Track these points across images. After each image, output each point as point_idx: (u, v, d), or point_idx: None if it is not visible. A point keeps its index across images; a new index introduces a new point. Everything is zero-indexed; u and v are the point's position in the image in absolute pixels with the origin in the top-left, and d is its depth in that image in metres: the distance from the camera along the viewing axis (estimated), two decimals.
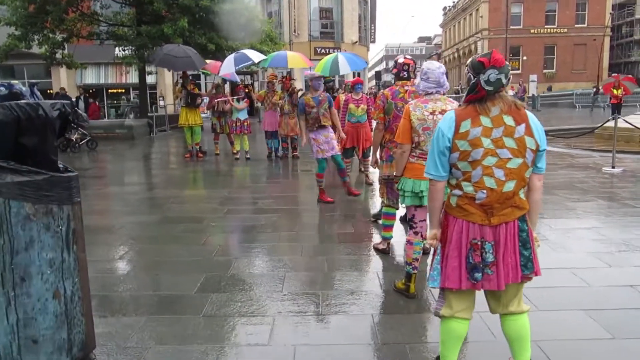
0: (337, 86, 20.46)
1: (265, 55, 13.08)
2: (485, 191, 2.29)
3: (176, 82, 12.75)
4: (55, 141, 2.55)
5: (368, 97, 8.66)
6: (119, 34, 18.77)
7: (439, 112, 3.56)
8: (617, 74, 23.47)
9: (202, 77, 26.85)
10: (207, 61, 13.58)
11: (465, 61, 53.49)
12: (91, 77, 27.74)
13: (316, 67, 11.85)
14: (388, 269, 4.39)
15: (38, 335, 2.50)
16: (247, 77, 29.60)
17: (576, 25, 46.61)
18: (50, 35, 17.93)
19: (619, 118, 9.90)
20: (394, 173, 4.00)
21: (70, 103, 2.79)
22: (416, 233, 3.77)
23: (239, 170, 10.43)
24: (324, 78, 9.18)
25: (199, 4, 17.09)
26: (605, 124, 11.21)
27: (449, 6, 63.00)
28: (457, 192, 2.37)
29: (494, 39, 45.86)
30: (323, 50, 31.48)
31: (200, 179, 9.88)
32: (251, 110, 15.17)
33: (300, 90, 11.78)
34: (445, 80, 3.64)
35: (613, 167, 9.04)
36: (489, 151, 2.27)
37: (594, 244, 4.89)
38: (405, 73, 4.34)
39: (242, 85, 12.11)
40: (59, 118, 2.49)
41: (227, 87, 18.95)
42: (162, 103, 26.03)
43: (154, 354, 2.98)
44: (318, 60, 14.41)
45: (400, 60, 4.37)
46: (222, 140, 12.62)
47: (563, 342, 3.02)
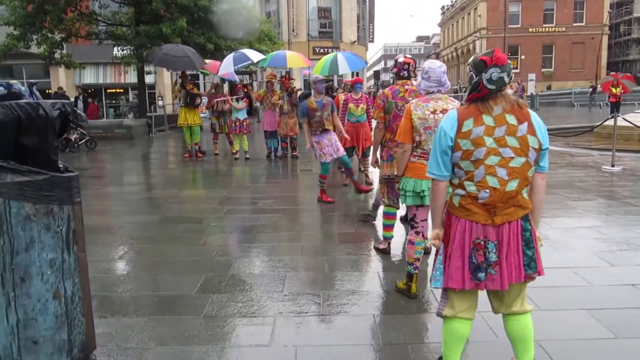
0: (337, 86, 20.44)
1: (264, 54, 13.07)
2: (488, 190, 2.28)
3: (175, 82, 12.73)
4: (55, 141, 2.54)
5: (367, 96, 8.65)
6: (118, 34, 18.75)
7: (440, 111, 3.56)
8: (616, 73, 23.43)
9: (201, 76, 26.82)
10: (206, 61, 13.57)
11: (464, 60, 53.63)
12: (90, 77, 27.70)
13: (315, 67, 11.84)
14: (389, 269, 4.38)
15: (38, 336, 2.49)
16: (246, 77, 29.57)
17: (574, 24, 46.65)
18: (49, 35, 17.92)
19: (618, 116, 9.90)
20: (395, 172, 3.99)
21: (69, 103, 2.77)
22: (417, 233, 3.77)
23: (239, 170, 10.41)
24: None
25: (198, 4, 17.08)
26: (605, 123, 11.22)
27: (448, 5, 63.03)
28: (460, 191, 2.35)
29: (492, 38, 45.86)
30: (322, 50, 31.46)
31: (199, 178, 9.86)
32: (250, 110, 15.14)
33: (299, 89, 11.77)
34: (446, 80, 3.64)
35: (613, 166, 9.05)
36: (492, 150, 2.26)
37: (595, 243, 4.88)
38: (405, 72, 4.33)
39: (241, 85, 12.08)
40: (59, 118, 2.48)
41: (226, 86, 18.95)
42: (161, 103, 26.02)
43: (155, 355, 2.97)
44: (317, 59, 14.36)
45: (401, 59, 4.35)
46: (221, 140, 12.60)
47: (566, 342, 3.01)
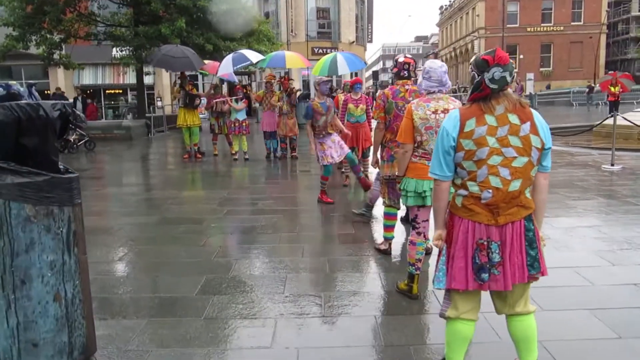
0: (336, 86, 20.42)
1: (263, 55, 13.06)
2: (490, 190, 2.27)
3: (174, 83, 12.71)
4: (55, 142, 2.52)
5: (367, 97, 8.64)
6: (117, 35, 18.73)
7: (441, 111, 3.55)
8: (614, 72, 23.45)
9: (200, 77, 26.79)
10: (205, 61, 13.55)
11: (462, 60, 53.66)
12: (89, 77, 27.65)
13: (315, 67, 11.80)
14: (390, 269, 4.36)
15: (38, 338, 2.47)
16: (245, 78, 29.55)
17: (572, 23, 46.73)
18: (48, 35, 17.89)
19: (617, 115, 9.90)
20: (396, 173, 3.98)
21: (69, 103, 2.76)
22: (419, 233, 3.75)
23: (238, 170, 10.39)
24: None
25: (197, 4, 17.07)
26: (604, 122, 11.22)
27: (446, 5, 63.08)
28: (463, 192, 2.34)
29: (490, 37, 45.90)
30: (320, 50, 31.47)
31: (199, 179, 9.84)
32: (249, 111, 15.13)
33: (298, 90, 11.74)
34: (447, 79, 3.64)
35: (612, 165, 9.04)
36: (494, 150, 2.25)
37: (595, 242, 4.87)
38: (405, 72, 4.31)
39: (240, 86, 12.07)
40: (59, 118, 2.46)
41: (225, 87, 18.93)
42: (159, 104, 25.95)
43: (155, 357, 2.95)
44: (316, 60, 14.33)
45: (401, 59, 4.34)
46: (221, 140, 12.58)
47: (569, 342, 3.00)
